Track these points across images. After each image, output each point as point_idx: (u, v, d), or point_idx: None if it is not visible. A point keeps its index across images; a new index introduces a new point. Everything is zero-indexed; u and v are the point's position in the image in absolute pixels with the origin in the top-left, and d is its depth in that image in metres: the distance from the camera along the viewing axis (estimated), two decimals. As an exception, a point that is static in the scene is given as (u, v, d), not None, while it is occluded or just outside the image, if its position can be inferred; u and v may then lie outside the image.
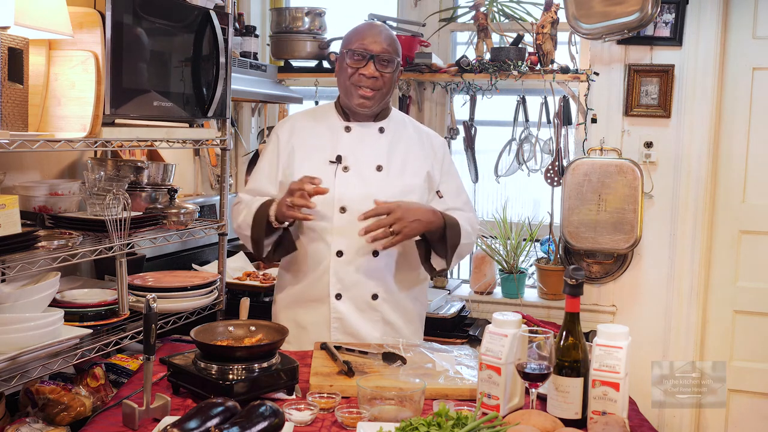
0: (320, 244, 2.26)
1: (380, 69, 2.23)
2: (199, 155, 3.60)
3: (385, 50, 2.23)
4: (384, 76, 2.24)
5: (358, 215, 2.14)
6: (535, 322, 3.00)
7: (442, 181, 2.38)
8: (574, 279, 1.66)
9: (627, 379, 1.66)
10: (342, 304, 2.25)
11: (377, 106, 2.30)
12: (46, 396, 1.99)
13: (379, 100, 2.28)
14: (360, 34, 2.26)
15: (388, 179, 2.27)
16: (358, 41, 2.24)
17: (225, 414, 1.53)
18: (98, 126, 2.00)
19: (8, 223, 1.82)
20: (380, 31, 2.27)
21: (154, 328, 1.68)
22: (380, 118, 2.35)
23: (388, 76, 2.25)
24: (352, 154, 2.29)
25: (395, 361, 1.96)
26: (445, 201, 2.36)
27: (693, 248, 3.27)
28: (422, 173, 2.32)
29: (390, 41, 2.27)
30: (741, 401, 3.32)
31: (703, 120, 3.21)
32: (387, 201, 2.14)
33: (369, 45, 2.23)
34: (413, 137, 2.38)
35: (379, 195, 2.22)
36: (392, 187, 2.25)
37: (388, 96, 2.33)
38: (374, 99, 2.26)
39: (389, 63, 2.25)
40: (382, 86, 2.26)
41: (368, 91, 2.24)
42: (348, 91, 2.27)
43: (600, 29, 3.09)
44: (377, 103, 2.29)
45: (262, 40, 3.87)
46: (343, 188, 2.25)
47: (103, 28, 2.00)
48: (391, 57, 2.25)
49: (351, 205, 2.23)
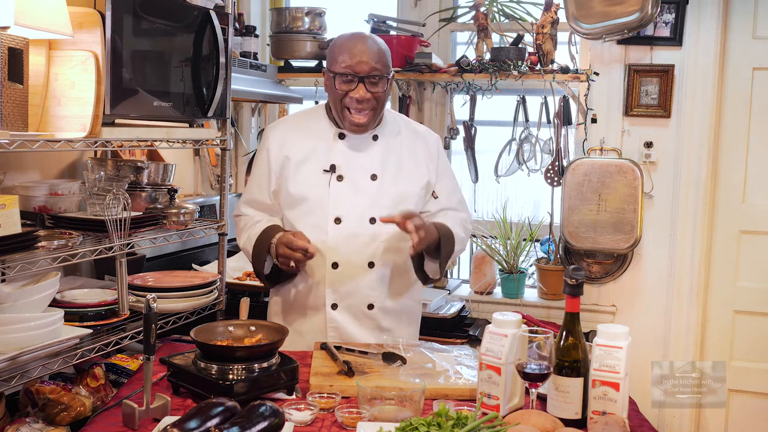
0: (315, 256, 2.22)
1: (371, 89, 2.15)
2: (199, 155, 3.60)
3: (373, 69, 2.13)
4: (377, 95, 2.17)
5: (379, 219, 2.16)
6: (535, 322, 3.00)
7: (438, 181, 2.35)
8: (574, 279, 1.66)
9: (627, 379, 1.66)
10: (338, 313, 2.24)
11: (372, 126, 2.25)
12: (46, 396, 1.99)
13: (374, 120, 2.23)
14: (347, 52, 2.14)
15: (383, 188, 2.24)
16: (345, 63, 2.14)
17: (225, 414, 1.53)
18: (98, 126, 2.00)
19: (8, 223, 1.82)
20: (366, 47, 2.15)
21: (154, 328, 1.68)
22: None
23: (380, 94, 2.18)
24: (346, 162, 2.24)
25: (395, 361, 1.96)
26: (440, 201, 2.34)
27: (693, 248, 3.27)
28: (420, 181, 2.29)
29: (378, 56, 2.15)
30: (741, 401, 3.32)
31: (703, 120, 3.21)
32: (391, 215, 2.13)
33: (356, 66, 2.12)
34: (407, 140, 2.33)
35: (374, 204, 2.21)
36: (387, 196, 2.22)
37: (382, 111, 2.26)
38: (369, 120, 2.20)
39: (380, 80, 2.16)
40: (375, 105, 2.19)
41: (361, 118, 2.18)
42: (340, 114, 2.22)
43: (600, 29, 3.09)
44: (372, 124, 2.23)
45: (262, 40, 3.87)
46: (337, 198, 2.22)
47: (103, 28, 2.00)
48: (381, 74, 2.15)
49: (346, 216, 2.21)
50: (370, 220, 2.22)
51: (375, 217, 2.21)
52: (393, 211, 2.19)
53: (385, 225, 2.20)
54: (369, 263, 2.22)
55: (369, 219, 2.22)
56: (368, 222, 2.22)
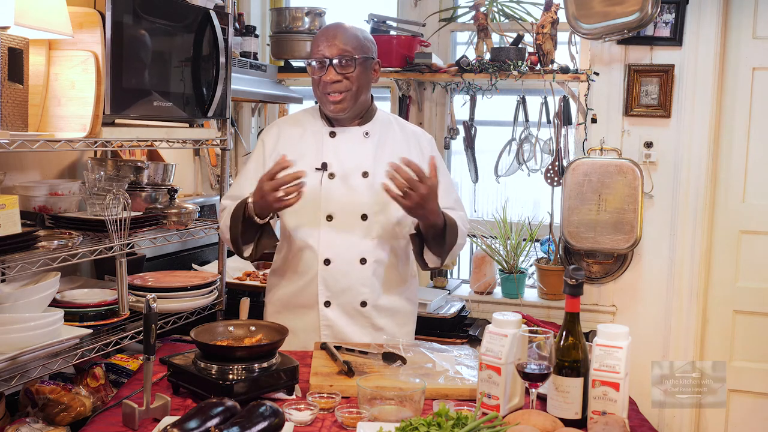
0: (308, 252, 2.23)
1: (341, 71, 2.17)
2: (199, 155, 3.60)
3: (342, 51, 2.17)
4: (348, 77, 2.19)
5: (382, 179, 2.08)
6: (535, 322, 3.00)
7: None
8: (574, 279, 1.66)
9: (627, 379, 1.66)
10: (331, 311, 2.24)
11: (351, 108, 2.24)
12: (46, 396, 1.99)
13: (351, 101, 2.23)
14: (318, 40, 2.22)
15: (374, 185, 2.23)
16: (316, 48, 2.20)
17: (225, 414, 1.53)
18: (98, 126, 2.00)
19: (8, 223, 1.82)
20: (336, 33, 2.20)
21: (154, 328, 1.68)
22: (364, 121, 2.31)
23: (353, 75, 2.19)
24: (338, 160, 2.25)
25: (395, 361, 1.96)
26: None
27: (693, 248, 3.27)
28: None
29: (347, 39, 2.19)
30: (741, 401, 3.32)
31: (703, 120, 3.21)
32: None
33: (324, 50, 2.18)
34: (399, 139, 2.33)
35: (366, 202, 2.22)
36: (379, 194, 2.21)
37: (362, 95, 2.26)
38: (345, 101, 2.21)
39: (349, 62, 2.18)
40: (350, 87, 2.20)
41: (336, 96, 2.20)
42: (321, 100, 2.26)
43: (600, 29, 3.09)
44: (350, 106, 2.23)
45: (262, 40, 3.87)
46: (329, 195, 2.22)
47: (103, 28, 2.00)
48: (350, 56, 2.18)
49: (337, 213, 2.22)
50: (362, 216, 2.22)
51: (367, 213, 2.22)
52: (384, 208, 2.21)
53: (377, 222, 2.22)
54: (361, 259, 2.23)
55: (361, 215, 2.23)
56: (360, 218, 2.23)
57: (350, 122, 2.30)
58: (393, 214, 2.23)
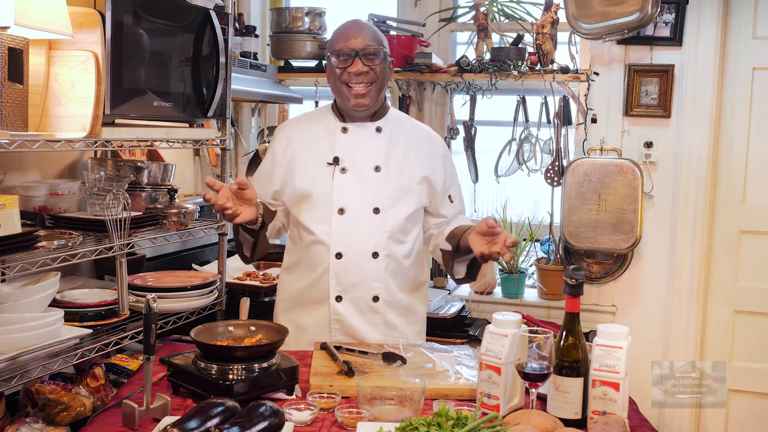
0: (319, 246, 2.23)
1: (368, 63, 2.20)
2: (199, 155, 3.60)
3: (369, 44, 2.20)
4: (374, 69, 2.21)
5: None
6: (535, 322, 3.00)
7: (451, 184, 2.38)
8: (574, 279, 1.66)
9: (627, 379, 1.66)
10: (342, 306, 2.24)
11: (374, 103, 2.26)
12: (46, 396, 1.99)
13: (374, 95, 2.24)
14: (342, 34, 2.24)
15: (386, 180, 2.25)
16: (341, 41, 2.22)
17: (225, 414, 1.53)
18: (98, 126, 2.00)
19: (8, 223, 1.82)
20: (361, 27, 2.25)
21: (154, 328, 1.68)
22: (377, 117, 2.31)
23: (378, 68, 2.22)
24: (350, 155, 2.26)
25: (395, 361, 1.96)
26: (455, 205, 2.37)
27: (693, 248, 3.27)
28: (422, 175, 2.29)
29: (373, 35, 2.24)
30: (741, 401, 3.32)
31: (703, 120, 3.22)
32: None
33: (351, 43, 2.20)
34: (412, 136, 2.34)
35: (378, 195, 2.22)
36: (390, 188, 2.24)
37: (383, 91, 2.29)
38: (369, 95, 2.22)
39: (375, 56, 2.21)
40: (375, 79, 2.22)
41: (362, 88, 2.21)
42: (341, 93, 2.25)
43: (600, 29, 3.09)
44: (373, 99, 2.24)
45: (262, 40, 3.87)
46: (341, 190, 2.23)
47: (103, 28, 2.00)
48: (376, 50, 2.21)
49: (349, 207, 2.22)
50: (374, 210, 2.23)
51: (379, 207, 2.22)
52: (396, 203, 2.22)
53: (389, 215, 2.23)
54: (373, 253, 2.22)
55: (373, 209, 2.23)
56: (372, 212, 2.23)
57: (363, 118, 2.30)
58: (405, 209, 2.25)
